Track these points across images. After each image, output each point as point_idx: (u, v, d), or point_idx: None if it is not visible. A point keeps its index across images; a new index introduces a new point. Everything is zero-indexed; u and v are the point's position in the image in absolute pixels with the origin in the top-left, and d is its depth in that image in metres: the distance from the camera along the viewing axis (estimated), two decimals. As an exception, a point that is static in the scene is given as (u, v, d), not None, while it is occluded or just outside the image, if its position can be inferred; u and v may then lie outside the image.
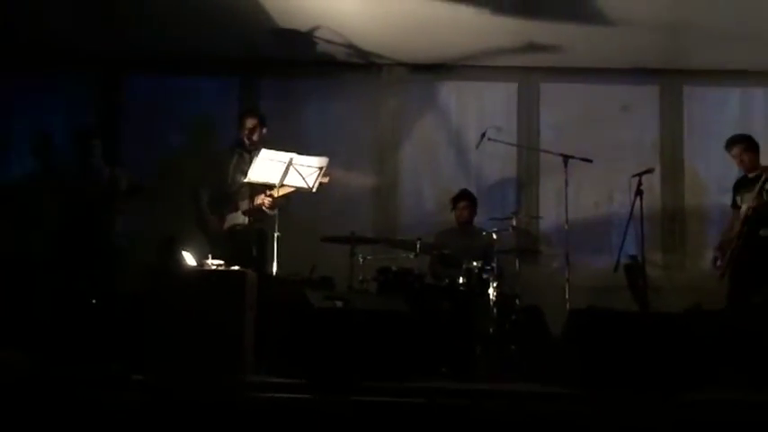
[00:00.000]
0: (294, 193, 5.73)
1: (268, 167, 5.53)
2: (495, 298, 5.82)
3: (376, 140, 7.44)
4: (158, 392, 4.20)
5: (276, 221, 5.64)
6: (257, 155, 5.53)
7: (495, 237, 6.18)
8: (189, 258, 4.98)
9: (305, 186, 5.63)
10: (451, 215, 6.76)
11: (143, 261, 5.79)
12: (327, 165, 5.65)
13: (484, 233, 6.39)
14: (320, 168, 5.62)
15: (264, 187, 5.71)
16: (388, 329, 4.87)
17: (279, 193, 5.62)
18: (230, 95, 7.25)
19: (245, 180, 5.69)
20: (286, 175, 5.55)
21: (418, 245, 6.06)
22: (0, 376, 4.34)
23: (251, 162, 5.60)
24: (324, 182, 5.71)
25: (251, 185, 5.69)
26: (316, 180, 5.63)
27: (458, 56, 7.22)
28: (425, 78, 7.49)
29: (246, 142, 5.98)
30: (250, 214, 5.73)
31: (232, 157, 6.03)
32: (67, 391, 4.16)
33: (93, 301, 5.64)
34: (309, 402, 4.14)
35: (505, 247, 6.29)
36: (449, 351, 5.49)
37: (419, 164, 7.42)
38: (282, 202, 5.74)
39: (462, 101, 7.48)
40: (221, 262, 4.95)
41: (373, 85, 7.50)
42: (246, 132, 6.00)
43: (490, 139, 6.48)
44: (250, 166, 5.59)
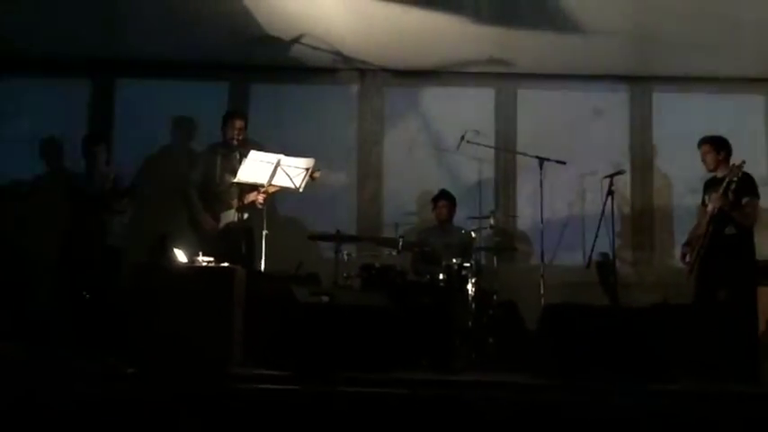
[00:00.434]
0: (279, 191, 5.74)
1: (257, 168, 5.52)
2: (473, 293, 5.83)
3: (360, 142, 7.43)
4: (151, 384, 4.19)
5: (264, 220, 5.63)
6: (246, 155, 5.52)
7: (473, 235, 6.20)
8: (180, 256, 4.96)
9: (292, 186, 5.62)
10: (432, 214, 6.77)
11: (137, 259, 5.76)
12: (314, 165, 5.66)
13: (463, 231, 6.40)
14: (307, 169, 5.62)
15: (253, 186, 5.70)
16: (371, 323, 4.89)
17: (271, 190, 5.65)
18: (220, 99, 7.21)
19: (234, 180, 5.68)
20: (274, 176, 5.54)
21: (400, 243, 6.06)
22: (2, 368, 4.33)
23: (239, 161, 5.59)
24: (316, 177, 5.74)
25: (239, 184, 5.68)
26: (302, 180, 5.63)
27: (438, 62, 7.22)
28: (407, 83, 7.49)
29: (234, 142, 5.97)
30: (243, 210, 5.72)
31: (216, 156, 5.99)
32: (64, 381, 4.14)
33: (86, 295, 5.61)
34: (296, 393, 4.14)
35: (483, 244, 6.32)
36: (429, 344, 5.49)
37: (401, 165, 7.41)
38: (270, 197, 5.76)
39: (442, 105, 7.48)
40: (211, 259, 4.94)
41: (357, 90, 7.49)
42: (236, 133, 6.00)
43: (469, 142, 6.49)
44: (238, 165, 5.58)
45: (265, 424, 3.92)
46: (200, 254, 4.97)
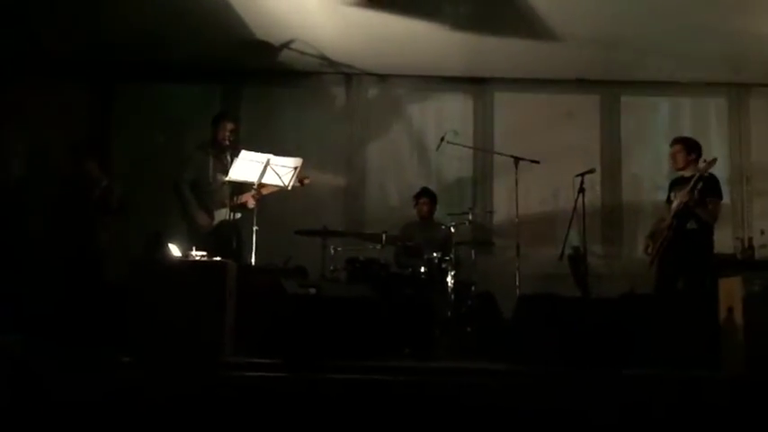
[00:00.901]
0: (271, 192, 5.72)
1: (247, 167, 5.49)
2: (452, 285, 5.85)
3: (346, 143, 7.43)
4: (147, 372, 4.17)
5: (255, 216, 5.61)
6: (237, 155, 5.49)
7: (453, 230, 6.19)
8: (174, 250, 4.93)
9: (281, 185, 5.60)
10: (414, 210, 6.78)
11: (133, 255, 5.72)
12: (302, 165, 5.64)
13: (443, 226, 6.40)
14: (295, 168, 5.60)
15: (244, 185, 5.68)
16: (356, 314, 4.88)
17: (264, 192, 5.63)
18: (213, 102, 7.17)
19: (225, 179, 5.65)
20: (264, 175, 5.52)
21: (384, 237, 6.05)
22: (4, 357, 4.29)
23: (230, 162, 5.56)
24: (306, 182, 5.74)
25: (232, 183, 5.65)
26: (291, 179, 5.61)
27: (419, 67, 7.23)
28: (391, 87, 7.49)
29: (227, 143, 5.93)
30: (236, 209, 5.72)
31: (208, 156, 5.94)
32: (62, 371, 4.11)
33: (80, 292, 5.55)
34: (285, 380, 4.13)
35: (462, 239, 6.31)
36: (411, 333, 5.48)
37: (384, 164, 7.42)
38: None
39: (423, 107, 7.50)
40: (204, 253, 4.92)
41: (343, 93, 7.49)
42: (228, 134, 5.96)
43: (449, 143, 6.49)
44: (229, 165, 5.55)
45: (256, 410, 3.90)
46: (194, 249, 4.94)
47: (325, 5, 5.93)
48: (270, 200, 5.86)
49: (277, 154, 5.57)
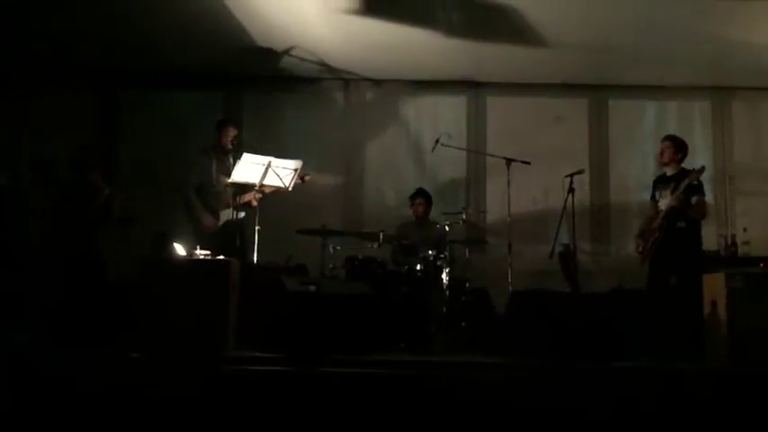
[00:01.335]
0: (273, 191, 5.71)
1: (249, 169, 5.49)
2: (447, 282, 5.84)
3: (344, 146, 7.42)
4: (154, 367, 4.17)
5: (257, 217, 5.61)
6: (239, 158, 5.49)
7: (447, 229, 6.18)
8: (179, 249, 4.93)
9: (282, 186, 5.60)
10: (410, 210, 6.76)
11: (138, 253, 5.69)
12: (302, 167, 5.64)
13: (438, 226, 6.40)
14: (295, 170, 5.60)
15: (247, 186, 5.67)
16: (354, 310, 4.88)
17: (266, 190, 5.62)
18: (215, 107, 7.16)
19: (229, 180, 5.64)
20: (265, 176, 5.51)
21: (381, 236, 6.05)
22: (12, 355, 4.28)
23: (233, 164, 5.56)
24: (307, 179, 5.74)
25: (234, 185, 5.65)
26: (291, 180, 5.61)
27: (415, 72, 7.23)
28: (387, 92, 7.48)
29: (229, 147, 5.93)
30: (239, 209, 5.71)
31: (212, 160, 5.93)
32: (74, 367, 4.11)
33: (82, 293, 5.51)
34: (286, 374, 4.13)
35: (457, 237, 6.31)
36: (408, 328, 5.49)
37: (381, 166, 7.42)
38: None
39: (419, 111, 7.49)
40: (208, 252, 4.92)
41: (342, 98, 7.49)
42: (231, 139, 5.96)
43: (443, 145, 6.49)
44: (232, 167, 5.54)
45: (259, 402, 3.91)
46: (198, 248, 4.94)
47: (324, 14, 5.92)
48: (271, 201, 5.85)
49: (278, 156, 5.56)
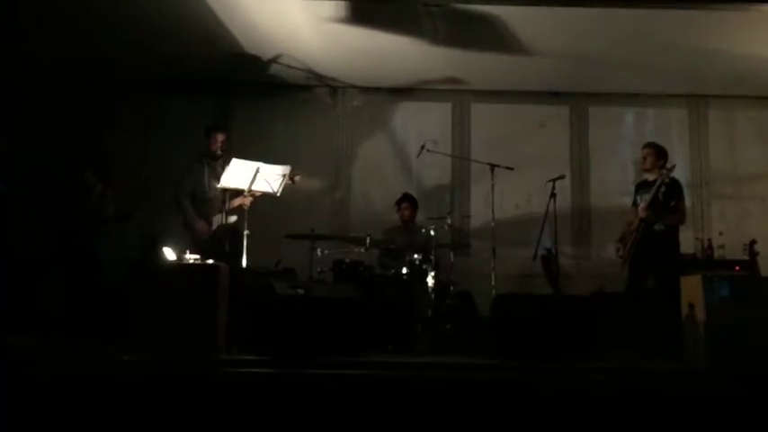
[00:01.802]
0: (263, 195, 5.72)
1: (238, 175, 5.48)
2: (432, 285, 5.86)
3: (332, 152, 7.43)
4: (145, 369, 4.16)
5: (246, 221, 5.61)
6: (229, 163, 5.49)
7: (432, 233, 6.20)
8: (170, 254, 4.93)
9: (271, 191, 5.60)
10: (396, 215, 6.79)
11: (131, 258, 5.68)
12: (290, 171, 5.64)
13: (423, 230, 6.40)
14: (284, 175, 5.60)
15: (237, 192, 5.67)
16: (342, 313, 4.89)
17: (257, 194, 5.62)
18: (206, 114, 7.14)
19: (218, 186, 5.64)
20: (254, 182, 5.51)
21: (368, 241, 6.07)
22: (13, 357, 4.27)
23: (223, 170, 5.56)
24: (296, 180, 5.73)
25: (225, 190, 5.64)
26: (280, 185, 5.61)
27: (401, 80, 7.25)
28: (374, 99, 7.51)
29: (219, 153, 5.93)
30: (229, 213, 5.70)
31: (203, 167, 5.94)
32: (69, 368, 4.10)
33: (84, 296, 5.52)
34: (275, 375, 4.13)
35: (442, 241, 6.33)
36: (394, 331, 5.51)
37: (368, 171, 7.43)
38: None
39: (405, 118, 7.52)
40: (198, 256, 4.92)
41: (330, 105, 7.51)
42: (219, 144, 5.96)
43: (429, 151, 6.51)
44: (222, 173, 5.54)
45: (248, 403, 3.90)
46: (188, 252, 4.94)
47: (312, 22, 5.94)
48: (260, 205, 5.85)
49: (267, 162, 5.57)
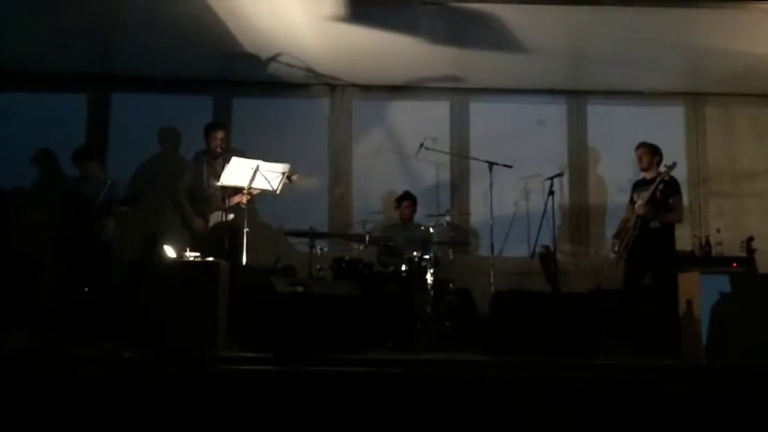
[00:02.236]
0: (261, 192, 5.70)
1: (238, 172, 5.47)
2: (432, 282, 5.86)
3: (331, 149, 7.41)
4: (145, 366, 4.14)
5: (246, 218, 5.60)
6: (228, 161, 5.47)
7: (432, 231, 6.21)
8: (170, 251, 4.91)
9: (270, 189, 5.59)
10: (395, 213, 6.78)
11: (130, 256, 5.68)
12: (289, 169, 5.62)
13: (423, 227, 6.41)
14: (283, 173, 5.58)
15: (236, 189, 5.66)
16: (341, 310, 4.88)
17: (254, 192, 5.60)
18: (204, 112, 7.13)
19: (218, 184, 5.63)
20: (254, 180, 5.50)
21: (367, 238, 6.07)
22: (9, 354, 4.25)
23: (222, 168, 5.54)
24: (294, 179, 5.72)
25: (224, 188, 5.63)
26: (279, 183, 5.60)
27: (400, 78, 7.23)
28: (372, 97, 7.48)
29: (218, 151, 5.91)
30: (228, 211, 5.69)
31: (202, 164, 5.92)
32: (67, 366, 4.08)
33: (86, 290, 5.53)
34: (275, 373, 4.12)
35: (441, 239, 6.33)
36: (393, 328, 5.51)
37: (368, 169, 7.41)
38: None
39: (404, 116, 7.49)
40: (198, 254, 4.90)
41: (328, 103, 7.48)
42: (218, 142, 5.95)
43: (428, 149, 6.52)
44: (222, 171, 5.53)
45: (248, 401, 3.89)
46: (188, 250, 4.93)
47: (311, 21, 5.92)
48: (260, 203, 5.85)
49: (266, 160, 5.55)
